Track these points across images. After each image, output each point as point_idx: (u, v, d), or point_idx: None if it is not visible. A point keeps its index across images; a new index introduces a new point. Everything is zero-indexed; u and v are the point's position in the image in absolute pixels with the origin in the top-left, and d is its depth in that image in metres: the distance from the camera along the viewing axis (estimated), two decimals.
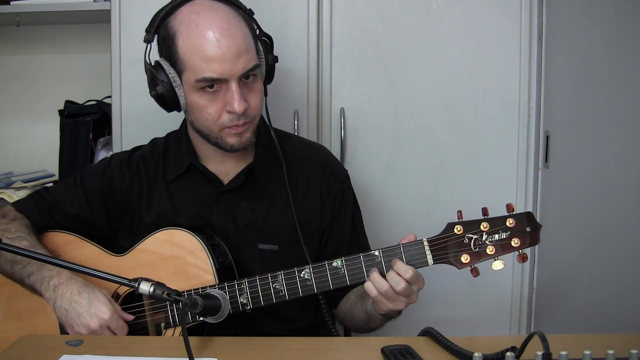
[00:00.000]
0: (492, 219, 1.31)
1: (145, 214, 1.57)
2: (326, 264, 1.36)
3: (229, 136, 1.46)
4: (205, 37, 1.39)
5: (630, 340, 1.17)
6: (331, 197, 1.60)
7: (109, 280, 1.24)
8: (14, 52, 2.49)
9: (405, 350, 1.19)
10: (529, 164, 1.97)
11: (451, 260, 1.32)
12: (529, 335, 1.06)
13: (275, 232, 1.56)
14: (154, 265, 1.46)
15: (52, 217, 1.58)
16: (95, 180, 1.59)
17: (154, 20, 1.47)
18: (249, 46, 1.43)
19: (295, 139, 1.71)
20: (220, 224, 1.55)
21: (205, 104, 1.44)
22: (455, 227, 1.31)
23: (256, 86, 1.47)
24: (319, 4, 1.96)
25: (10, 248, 1.27)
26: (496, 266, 1.30)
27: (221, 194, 1.56)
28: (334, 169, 1.64)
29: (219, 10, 1.43)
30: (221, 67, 1.39)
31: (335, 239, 1.61)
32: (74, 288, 1.39)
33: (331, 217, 1.60)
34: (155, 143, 1.66)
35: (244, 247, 1.55)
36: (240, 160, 1.56)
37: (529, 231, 1.30)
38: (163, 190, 1.58)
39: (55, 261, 1.34)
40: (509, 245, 1.30)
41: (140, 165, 1.61)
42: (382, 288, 1.31)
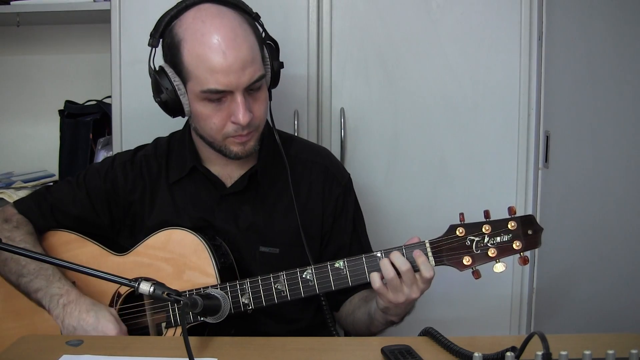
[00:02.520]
0: (494, 221, 1.31)
1: (148, 215, 1.57)
2: (328, 265, 1.36)
3: (233, 145, 1.46)
4: (210, 48, 1.36)
5: (631, 340, 1.17)
6: (332, 201, 1.59)
7: (109, 280, 1.24)
8: (14, 52, 2.50)
9: (406, 351, 1.19)
10: (529, 164, 1.97)
11: (453, 263, 1.32)
12: (529, 335, 1.06)
13: (277, 235, 1.55)
14: (156, 265, 1.46)
15: (54, 217, 1.58)
16: (99, 181, 1.59)
17: (159, 25, 1.44)
18: (254, 56, 1.41)
19: (298, 141, 1.70)
20: (222, 227, 1.55)
21: (209, 114, 1.42)
22: (457, 230, 1.32)
23: (261, 95, 1.46)
24: (319, 4, 1.96)
25: (10, 248, 1.26)
26: (497, 269, 1.30)
27: (224, 196, 1.56)
28: (337, 173, 1.63)
29: (225, 17, 1.40)
30: (227, 79, 1.37)
31: (336, 243, 1.60)
32: (82, 307, 1.39)
33: (332, 221, 1.60)
34: (158, 143, 1.65)
35: (245, 249, 1.54)
36: (243, 163, 1.56)
37: (531, 234, 1.30)
38: (165, 192, 1.58)
39: (57, 262, 1.33)
40: (510, 248, 1.30)
41: (143, 166, 1.60)
42: (389, 275, 1.31)
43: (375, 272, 1.33)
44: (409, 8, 1.95)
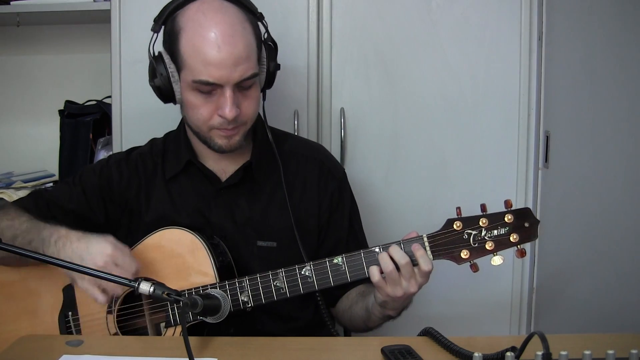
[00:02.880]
0: (491, 214, 1.31)
1: (145, 212, 1.58)
2: (327, 261, 1.37)
3: (218, 137, 1.48)
4: (207, 40, 1.39)
5: (631, 340, 1.17)
6: (328, 195, 1.61)
7: (109, 280, 1.24)
8: (14, 52, 2.49)
9: (406, 350, 1.19)
10: (529, 164, 1.97)
11: (451, 256, 1.33)
12: (529, 335, 1.06)
13: (274, 229, 1.56)
14: (154, 265, 1.46)
15: (50, 212, 1.57)
16: (94, 178, 1.60)
17: (163, 12, 1.47)
18: (249, 54, 1.43)
19: (293, 137, 1.73)
20: (218, 222, 1.56)
21: (198, 104, 1.45)
22: (454, 223, 1.32)
23: (252, 93, 1.48)
24: (319, 3, 1.96)
25: (10, 248, 1.26)
26: (495, 261, 1.31)
27: (219, 190, 1.57)
28: (332, 167, 1.64)
29: (226, 13, 1.42)
30: (218, 73, 1.40)
31: (333, 237, 1.61)
32: (73, 237, 1.38)
33: (328, 215, 1.61)
34: (154, 143, 1.67)
35: (243, 244, 1.55)
36: (237, 158, 1.57)
37: (527, 226, 1.31)
38: (162, 188, 1.59)
39: (57, 262, 1.32)
40: (507, 241, 1.31)
41: (139, 163, 1.61)
42: (388, 268, 1.32)
43: (375, 265, 1.34)
44: (409, 8, 1.95)
